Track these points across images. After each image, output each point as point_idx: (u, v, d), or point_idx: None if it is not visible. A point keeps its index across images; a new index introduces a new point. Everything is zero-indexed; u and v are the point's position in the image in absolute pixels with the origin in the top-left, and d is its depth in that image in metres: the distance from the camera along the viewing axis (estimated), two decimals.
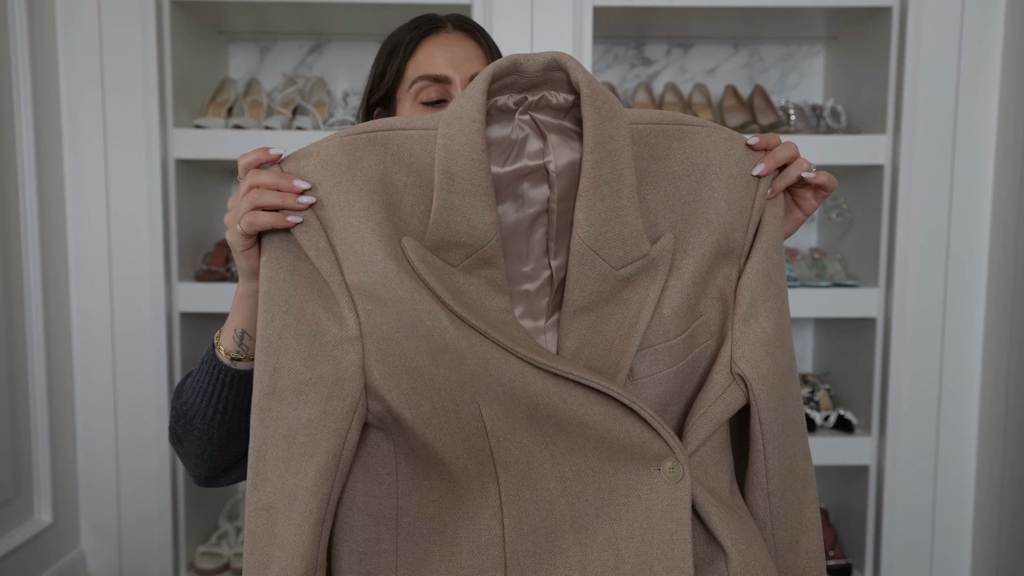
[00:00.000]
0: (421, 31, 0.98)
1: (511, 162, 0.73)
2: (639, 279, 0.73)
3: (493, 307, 0.71)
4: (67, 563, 1.76)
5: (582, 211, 0.70)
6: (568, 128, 0.73)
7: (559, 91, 0.71)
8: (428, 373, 0.68)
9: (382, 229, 0.67)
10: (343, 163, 0.69)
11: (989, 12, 1.76)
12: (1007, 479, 1.74)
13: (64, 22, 1.74)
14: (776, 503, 0.78)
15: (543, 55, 0.69)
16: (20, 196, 1.65)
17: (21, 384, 1.66)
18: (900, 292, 1.80)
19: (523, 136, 0.73)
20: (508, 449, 0.70)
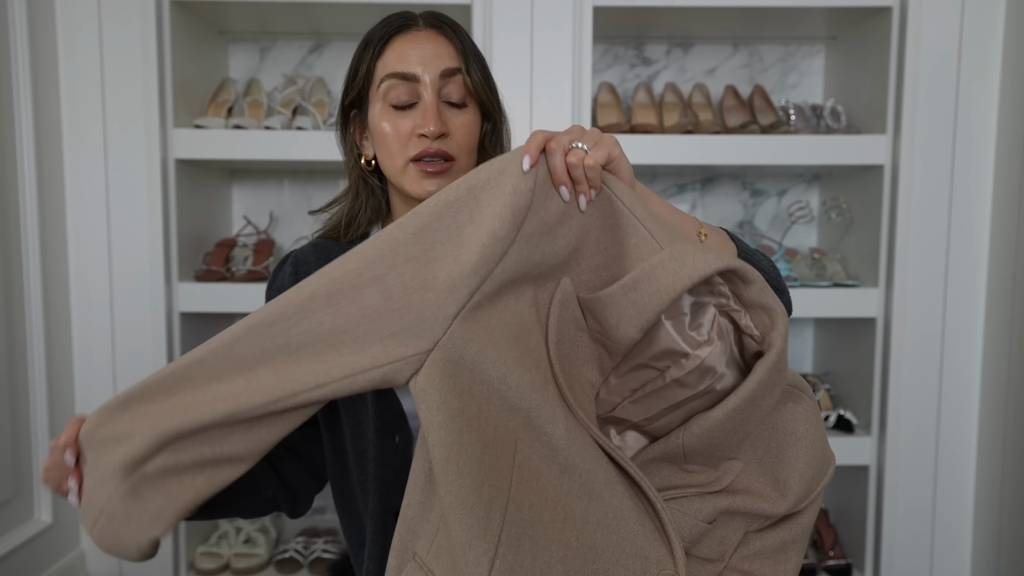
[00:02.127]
0: (391, 28, 0.94)
1: (673, 320, 0.77)
2: (699, 476, 0.79)
3: (586, 376, 0.76)
4: (67, 563, 1.76)
5: (700, 428, 0.75)
6: (730, 346, 0.77)
7: (757, 327, 0.76)
8: (491, 386, 0.71)
9: (562, 258, 0.74)
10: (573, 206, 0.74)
11: (989, 12, 1.76)
12: (1007, 479, 1.74)
13: (64, 22, 1.74)
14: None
15: (771, 299, 0.74)
16: (20, 196, 1.65)
17: (21, 384, 1.66)
18: (900, 292, 1.80)
19: (699, 316, 0.77)
20: (527, 491, 0.71)
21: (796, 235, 2.13)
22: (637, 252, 0.74)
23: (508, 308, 0.72)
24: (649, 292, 0.71)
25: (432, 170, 0.91)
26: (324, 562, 1.91)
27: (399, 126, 0.92)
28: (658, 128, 1.91)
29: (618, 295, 0.72)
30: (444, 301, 0.70)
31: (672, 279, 0.70)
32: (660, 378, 0.78)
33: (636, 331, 0.72)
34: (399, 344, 0.71)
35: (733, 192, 2.17)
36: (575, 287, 0.75)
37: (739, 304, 0.76)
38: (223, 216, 2.10)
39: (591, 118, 1.82)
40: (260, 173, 2.14)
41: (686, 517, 0.77)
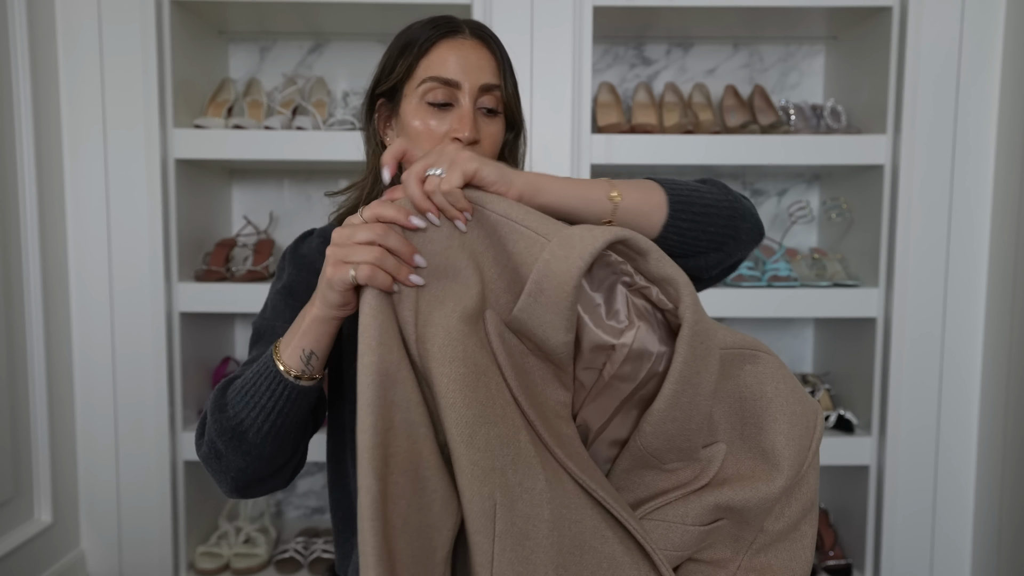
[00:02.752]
0: (439, 31, 0.97)
1: (590, 312, 0.74)
2: (683, 473, 0.76)
3: (553, 397, 0.74)
4: (67, 563, 1.76)
5: (650, 425, 0.73)
6: (656, 324, 0.75)
7: (668, 299, 0.74)
8: (457, 448, 0.67)
9: (477, 299, 0.71)
10: (468, 234, 0.73)
11: (989, 12, 1.76)
12: (1007, 479, 1.74)
13: (64, 22, 1.74)
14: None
15: (671, 268, 0.72)
16: (20, 196, 1.65)
17: (21, 384, 1.66)
18: (900, 292, 1.80)
19: (613, 299, 0.75)
20: (511, 562, 0.66)
21: (796, 235, 2.13)
22: (529, 255, 0.72)
23: (457, 360, 0.68)
24: (553, 289, 0.69)
25: None
26: (324, 562, 1.91)
27: (433, 126, 0.95)
28: (658, 128, 1.91)
29: (530, 305, 0.70)
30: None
31: (566, 266, 0.68)
32: (600, 377, 0.76)
33: (564, 333, 0.70)
34: None
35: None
36: (500, 315, 0.73)
37: (646, 279, 0.74)
38: (223, 216, 2.10)
39: (591, 118, 1.82)
40: (260, 173, 2.14)
41: (673, 527, 0.74)
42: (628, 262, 0.73)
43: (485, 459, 0.66)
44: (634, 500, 0.76)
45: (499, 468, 0.66)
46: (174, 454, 1.82)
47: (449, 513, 0.69)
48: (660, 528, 0.74)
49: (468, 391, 0.67)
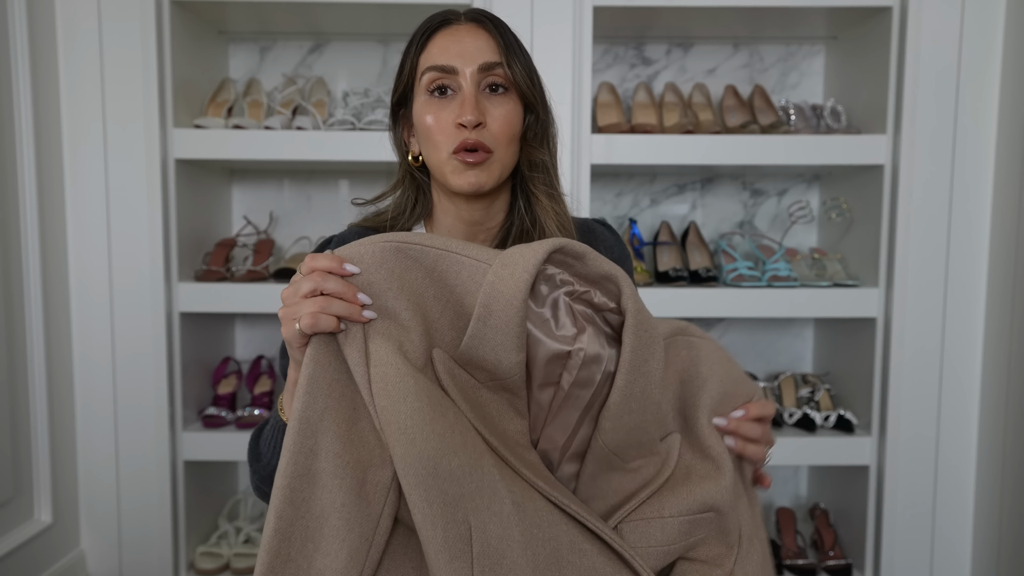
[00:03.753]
0: (433, 24, 0.96)
1: (539, 327, 0.76)
2: (646, 469, 0.78)
3: (511, 428, 0.75)
4: (67, 563, 1.76)
5: (609, 421, 0.74)
6: (600, 327, 0.77)
7: (607, 298, 0.76)
8: (424, 482, 0.68)
9: (420, 340, 0.72)
10: (396, 269, 0.73)
11: (989, 12, 1.76)
12: (1007, 479, 1.74)
13: (64, 22, 1.74)
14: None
15: (609, 265, 0.75)
16: (20, 196, 1.65)
17: (21, 384, 1.66)
18: (900, 292, 1.80)
19: (559, 311, 0.76)
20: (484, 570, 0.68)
21: (796, 235, 2.13)
22: (472, 282, 0.73)
23: (411, 395, 0.69)
24: (502, 308, 0.71)
25: (471, 160, 0.92)
26: None
27: (440, 116, 0.94)
28: (658, 128, 1.91)
29: (480, 329, 0.72)
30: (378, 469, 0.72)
31: (512, 283, 0.70)
32: (560, 389, 0.77)
33: (516, 353, 0.72)
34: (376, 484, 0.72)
35: (733, 192, 2.17)
36: (447, 351, 0.74)
37: (585, 283, 0.76)
38: (223, 216, 2.10)
39: (591, 118, 1.82)
40: (260, 173, 2.14)
41: (652, 523, 0.75)
42: (566, 269, 0.75)
43: (453, 487, 0.67)
44: (606, 508, 0.77)
45: (467, 494, 0.68)
46: (174, 454, 1.82)
47: (356, 563, 0.69)
48: (640, 527, 0.75)
49: (426, 424, 0.68)
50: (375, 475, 0.71)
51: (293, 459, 0.70)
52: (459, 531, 0.68)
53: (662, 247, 2.03)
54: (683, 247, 2.05)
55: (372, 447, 0.71)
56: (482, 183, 0.93)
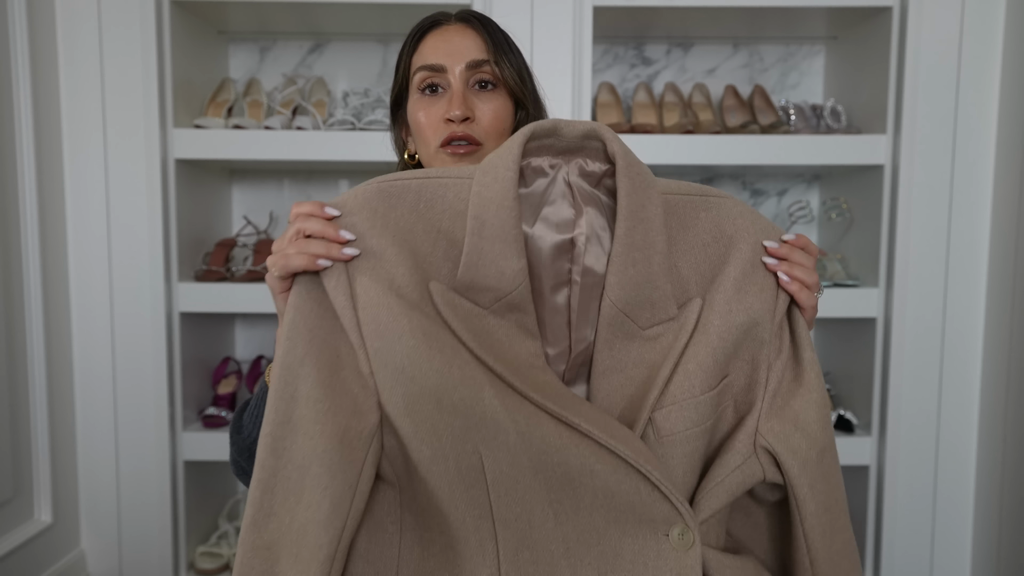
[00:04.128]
0: (424, 26, 1.00)
1: (539, 224, 0.75)
2: (665, 338, 0.74)
3: (523, 351, 0.72)
4: (67, 563, 1.76)
5: (614, 275, 0.72)
6: (601, 199, 0.75)
7: (594, 160, 0.74)
8: (430, 417, 0.67)
9: (410, 275, 0.70)
10: (379, 209, 0.72)
11: (989, 12, 1.76)
12: (1007, 479, 1.74)
13: (64, 22, 1.74)
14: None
15: (582, 123, 0.73)
16: (20, 196, 1.65)
17: (21, 384, 1.66)
18: (900, 292, 1.80)
19: (554, 199, 0.75)
20: (509, 505, 0.68)
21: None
22: (459, 200, 0.72)
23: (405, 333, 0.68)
24: (493, 214, 0.70)
25: (461, 151, 0.95)
26: None
27: (430, 112, 0.97)
28: (658, 128, 1.91)
29: (476, 244, 0.70)
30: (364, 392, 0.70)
31: (499, 186, 0.70)
32: (574, 284, 0.75)
33: (516, 258, 0.70)
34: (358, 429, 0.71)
35: (733, 192, 2.17)
36: (445, 283, 0.72)
37: (570, 156, 0.74)
38: (223, 216, 2.10)
39: (591, 118, 1.82)
40: (260, 173, 2.14)
41: (685, 405, 0.72)
42: (546, 152, 0.74)
43: (458, 420, 0.67)
44: (626, 381, 0.74)
45: (473, 426, 0.67)
46: (174, 454, 1.82)
47: (339, 514, 0.67)
48: (674, 412, 0.72)
49: (424, 362, 0.67)
50: (358, 424, 0.69)
51: (275, 406, 0.68)
52: (471, 461, 0.67)
53: None
54: None
55: (355, 395, 0.69)
56: None
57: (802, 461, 0.74)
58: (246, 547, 0.67)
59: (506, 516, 0.68)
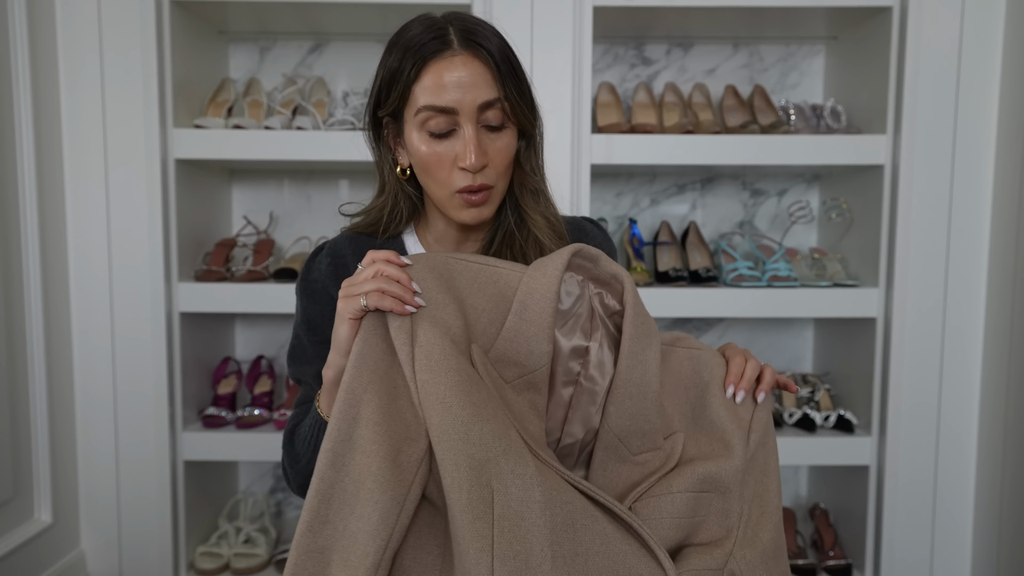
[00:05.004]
0: (427, 52, 0.92)
1: (564, 328, 0.86)
2: (651, 464, 0.86)
3: (532, 428, 0.82)
4: (67, 563, 1.76)
5: (613, 406, 0.83)
6: (611, 331, 0.87)
7: (613, 298, 0.87)
8: (456, 445, 0.75)
9: (462, 331, 0.81)
10: (444, 274, 0.84)
11: (989, 12, 1.76)
12: (1007, 479, 1.74)
13: (64, 22, 1.74)
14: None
15: (615, 266, 0.86)
16: (20, 197, 1.65)
17: (21, 384, 1.66)
18: (900, 292, 1.80)
19: (580, 312, 0.86)
20: (510, 542, 0.73)
21: (796, 235, 2.13)
22: (508, 287, 0.85)
23: (452, 369, 0.78)
24: (536, 303, 0.82)
25: (477, 201, 0.95)
26: None
27: (439, 153, 0.94)
28: (658, 128, 1.91)
29: (516, 323, 0.82)
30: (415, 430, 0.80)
31: (544, 281, 0.82)
32: (580, 386, 0.86)
33: (546, 343, 0.82)
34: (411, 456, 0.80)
35: (733, 192, 2.17)
36: (484, 348, 0.84)
37: (598, 285, 0.87)
38: (223, 216, 2.10)
39: (591, 118, 1.82)
40: (260, 173, 2.14)
41: (663, 499, 0.82)
42: (582, 272, 0.86)
43: (480, 452, 0.74)
44: (616, 497, 0.84)
45: (493, 459, 0.74)
46: (174, 454, 1.82)
47: (386, 525, 0.75)
48: (652, 503, 0.82)
49: (463, 395, 0.76)
50: (409, 448, 0.78)
51: (338, 425, 0.77)
52: (482, 494, 0.74)
53: (662, 247, 2.03)
54: (683, 247, 2.05)
55: (408, 423, 0.78)
56: (485, 217, 0.97)
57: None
58: (300, 550, 0.75)
59: (505, 553, 0.73)
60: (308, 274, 1.03)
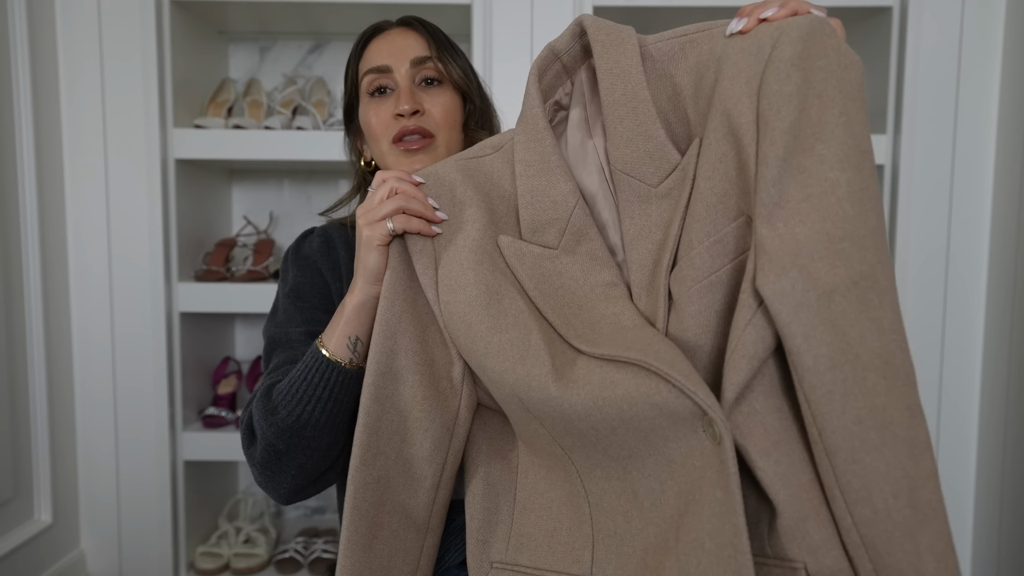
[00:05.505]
0: (367, 34, 1.05)
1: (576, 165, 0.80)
2: (677, 191, 0.70)
3: (598, 281, 0.74)
4: (67, 563, 1.76)
5: (609, 140, 0.73)
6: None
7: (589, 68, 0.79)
8: (482, 362, 0.74)
9: (484, 231, 0.77)
10: (457, 179, 0.81)
11: (989, 12, 1.76)
12: (1007, 479, 1.74)
13: (64, 22, 1.74)
14: (845, 467, 0.59)
15: (567, 28, 0.77)
16: (20, 196, 1.65)
17: (21, 384, 1.66)
18: (900, 292, 1.79)
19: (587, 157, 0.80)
20: (561, 435, 0.72)
21: None
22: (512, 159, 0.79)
23: (469, 284, 0.76)
24: (532, 153, 0.76)
25: (413, 147, 0.97)
26: (324, 562, 1.91)
27: (379, 112, 0.99)
28: None
29: (526, 183, 0.77)
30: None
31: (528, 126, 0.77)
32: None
33: (564, 181, 0.75)
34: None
35: None
36: (513, 235, 0.78)
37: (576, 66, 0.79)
38: (223, 216, 2.10)
39: None
40: (260, 173, 2.14)
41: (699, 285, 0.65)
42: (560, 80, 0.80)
43: (499, 363, 0.72)
44: (651, 247, 0.71)
45: (510, 368, 0.71)
46: (174, 454, 1.82)
47: (440, 450, 0.77)
48: (683, 268, 0.67)
49: (480, 309, 0.73)
50: (447, 372, 0.78)
51: (377, 359, 0.77)
52: (511, 404, 0.75)
53: None
54: None
55: (442, 346, 0.78)
56: (426, 166, 0.96)
57: (795, 304, 0.59)
58: (357, 484, 0.75)
59: (564, 443, 0.72)
60: (299, 248, 1.05)
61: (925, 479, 0.58)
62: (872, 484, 0.59)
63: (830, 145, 0.60)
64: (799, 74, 0.61)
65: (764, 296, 0.60)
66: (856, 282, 0.60)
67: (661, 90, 0.73)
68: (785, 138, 0.60)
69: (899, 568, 0.58)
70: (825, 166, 0.59)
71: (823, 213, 0.59)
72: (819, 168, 0.60)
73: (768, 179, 0.61)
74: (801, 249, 0.59)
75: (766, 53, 0.63)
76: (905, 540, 0.58)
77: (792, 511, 0.61)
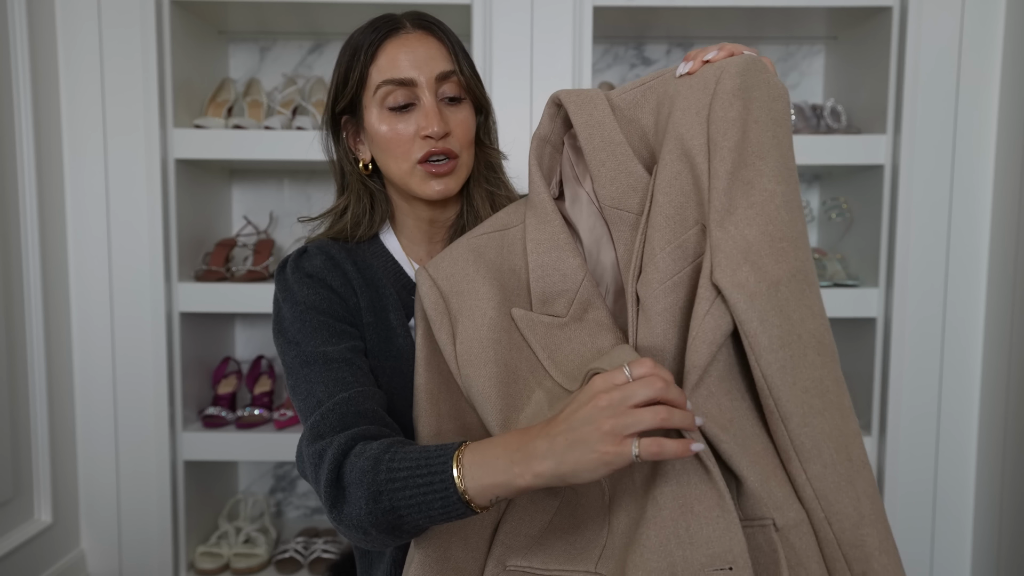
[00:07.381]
0: (380, 33, 0.95)
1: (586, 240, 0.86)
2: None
3: (604, 345, 0.80)
4: (67, 563, 1.76)
5: (596, 181, 0.80)
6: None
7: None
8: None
9: (498, 308, 0.81)
10: (470, 259, 0.85)
11: (989, 12, 1.76)
12: (1007, 479, 1.74)
13: (64, 22, 1.74)
14: (799, 430, 0.70)
15: (544, 111, 0.85)
16: (20, 196, 1.65)
17: (21, 384, 1.66)
18: (900, 292, 1.80)
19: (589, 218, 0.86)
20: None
21: None
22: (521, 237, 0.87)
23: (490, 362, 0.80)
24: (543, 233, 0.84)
25: (439, 171, 0.94)
26: (324, 562, 1.91)
27: (400, 129, 0.94)
28: None
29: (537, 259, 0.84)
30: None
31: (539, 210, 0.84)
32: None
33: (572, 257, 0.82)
34: None
35: None
36: (524, 308, 0.84)
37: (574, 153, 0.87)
38: (223, 216, 2.10)
39: None
40: (260, 173, 2.14)
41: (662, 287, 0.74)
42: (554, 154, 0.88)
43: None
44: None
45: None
46: (174, 454, 1.82)
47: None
48: (648, 272, 0.74)
49: (501, 386, 0.78)
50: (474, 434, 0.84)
51: (426, 421, 0.84)
52: None
53: None
54: None
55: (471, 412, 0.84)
56: (451, 189, 0.95)
57: (749, 294, 0.68)
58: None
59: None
60: (301, 266, 0.97)
61: (854, 436, 0.73)
62: (820, 442, 0.71)
63: (767, 162, 0.72)
64: (739, 103, 0.73)
65: (722, 288, 0.69)
66: (794, 275, 0.70)
67: (632, 132, 0.82)
68: (732, 155, 0.72)
69: (845, 512, 0.72)
70: (764, 179, 0.72)
71: (766, 218, 0.71)
72: (760, 180, 0.72)
73: (719, 190, 0.72)
74: (751, 247, 0.70)
75: (711, 87, 0.75)
76: (848, 488, 0.71)
77: (754, 475, 0.70)
